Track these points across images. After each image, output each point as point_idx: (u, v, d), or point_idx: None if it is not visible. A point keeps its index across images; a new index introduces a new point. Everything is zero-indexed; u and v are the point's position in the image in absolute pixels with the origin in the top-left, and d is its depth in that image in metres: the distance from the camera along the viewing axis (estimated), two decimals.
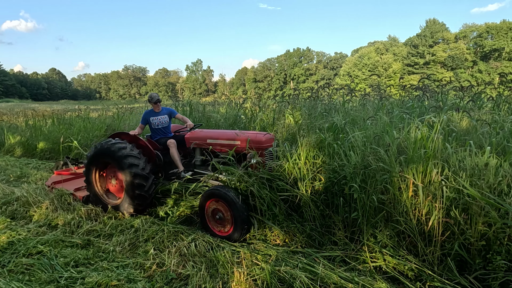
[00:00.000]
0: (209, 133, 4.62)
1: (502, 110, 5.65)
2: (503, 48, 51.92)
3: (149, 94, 5.13)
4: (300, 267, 2.93)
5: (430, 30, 58.97)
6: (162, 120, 5.10)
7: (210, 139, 4.44)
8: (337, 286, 2.66)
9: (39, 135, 10.26)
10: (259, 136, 4.12)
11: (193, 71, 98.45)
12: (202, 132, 4.72)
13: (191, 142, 4.61)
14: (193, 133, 4.73)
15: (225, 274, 2.90)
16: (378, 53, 63.89)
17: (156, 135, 5.10)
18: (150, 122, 5.04)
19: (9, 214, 4.46)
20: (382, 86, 11.54)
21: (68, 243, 3.58)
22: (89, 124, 9.46)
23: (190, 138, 4.65)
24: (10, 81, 74.82)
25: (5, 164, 8.30)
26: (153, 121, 5.04)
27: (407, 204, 2.91)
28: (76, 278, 2.88)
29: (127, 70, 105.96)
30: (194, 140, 4.59)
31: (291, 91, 71.06)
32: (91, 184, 4.59)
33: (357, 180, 3.12)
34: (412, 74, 59.85)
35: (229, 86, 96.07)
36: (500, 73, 14.77)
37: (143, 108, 12.22)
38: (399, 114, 4.54)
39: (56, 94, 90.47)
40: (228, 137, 4.34)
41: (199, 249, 3.33)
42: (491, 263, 2.52)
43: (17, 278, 2.89)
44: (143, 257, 3.26)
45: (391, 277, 2.78)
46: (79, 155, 8.02)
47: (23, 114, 17.73)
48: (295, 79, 78.55)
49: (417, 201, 2.88)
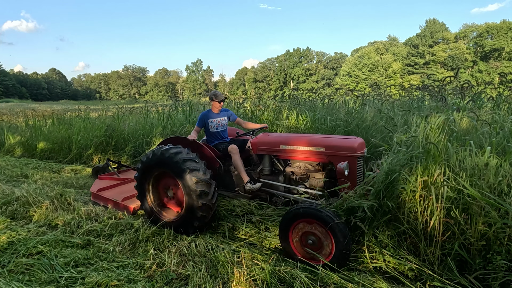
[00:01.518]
0: (284, 138, 3.94)
1: (502, 110, 5.65)
2: (503, 48, 51.95)
3: (212, 92, 4.50)
4: (300, 267, 2.93)
5: (430, 30, 59.00)
6: (221, 123, 4.50)
7: (285, 145, 3.80)
8: (337, 286, 2.65)
9: (39, 135, 10.26)
10: (349, 141, 3.45)
11: (193, 71, 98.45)
12: (274, 137, 4.06)
13: (258, 148, 4.02)
14: (261, 137, 4.11)
15: (225, 274, 2.90)
16: (378, 53, 63.93)
17: (214, 139, 4.50)
18: (208, 125, 4.43)
19: (9, 214, 4.45)
20: (382, 86, 11.52)
21: (68, 243, 3.57)
22: (89, 124, 9.45)
23: (258, 143, 4.03)
24: (10, 81, 74.81)
25: (5, 164, 8.29)
26: (212, 123, 4.43)
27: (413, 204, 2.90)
28: (76, 278, 2.87)
29: (127, 70, 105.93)
30: (263, 146, 3.99)
31: (291, 91, 71.19)
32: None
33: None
34: (412, 74, 59.91)
35: (229, 86, 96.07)
36: (500, 73, 14.77)
37: (143, 108, 12.21)
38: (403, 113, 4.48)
39: (56, 94, 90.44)
40: (309, 142, 3.66)
41: (199, 249, 3.33)
42: (491, 263, 2.52)
43: (17, 278, 2.89)
44: (143, 257, 3.26)
45: (391, 277, 2.78)
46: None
47: (23, 114, 17.74)
48: (295, 79, 78.54)
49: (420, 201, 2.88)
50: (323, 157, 3.53)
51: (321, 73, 75.95)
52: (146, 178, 4.02)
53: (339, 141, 3.50)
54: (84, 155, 8.62)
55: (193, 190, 3.53)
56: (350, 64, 65.10)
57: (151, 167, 3.92)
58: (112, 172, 6.05)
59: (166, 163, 3.72)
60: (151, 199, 4.06)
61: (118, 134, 8.62)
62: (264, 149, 3.99)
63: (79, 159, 8.67)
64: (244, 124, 4.72)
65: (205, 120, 4.43)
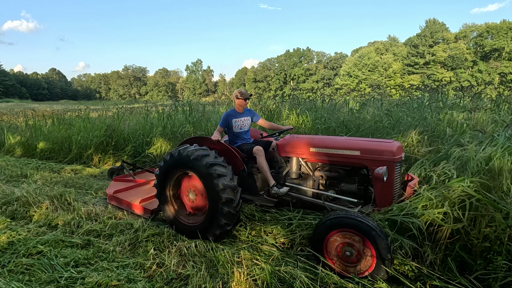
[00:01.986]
0: (314, 140, 3.73)
1: (502, 110, 5.65)
2: (503, 48, 51.92)
3: (238, 90, 4.31)
4: (301, 266, 2.93)
5: (430, 30, 58.97)
6: (245, 123, 4.31)
7: (315, 147, 3.58)
8: (337, 286, 2.65)
9: (39, 135, 10.26)
10: (387, 144, 3.25)
11: (193, 71, 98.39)
12: (304, 139, 3.84)
13: (286, 150, 3.83)
14: (289, 139, 3.88)
15: (225, 274, 2.90)
16: (378, 53, 63.89)
17: (237, 140, 4.29)
18: (231, 125, 4.22)
19: (9, 214, 4.45)
20: (382, 86, 11.52)
21: (68, 243, 3.57)
22: (89, 124, 9.45)
23: (286, 145, 3.82)
24: (10, 81, 74.83)
25: (5, 164, 8.29)
26: (236, 123, 4.23)
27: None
28: (76, 278, 2.87)
29: (127, 70, 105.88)
30: (291, 148, 3.78)
31: (291, 91, 71.12)
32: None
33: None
34: (412, 74, 59.87)
35: (229, 86, 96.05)
36: (500, 73, 14.79)
37: (143, 108, 12.20)
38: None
39: (56, 94, 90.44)
40: (342, 145, 3.43)
41: (199, 249, 3.32)
42: (492, 263, 2.52)
43: (17, 278, 2.89)
44: (143, 257, 3.26)
45: (391, 277, 2.78)
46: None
47: (23, 114, 17.73)
48: (295, 79, 78.51)
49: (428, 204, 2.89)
50: (358, 161, 3.32)
51: (321, 73, 75.91)
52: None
53: (376, 144, 3.30)
54: (84, 155, 8.62)
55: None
56: (350, 64, 65.07)
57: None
58: (127, 174, 5.99)
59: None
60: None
61: (118, 134, 8.62)
62: (292, 152, 3.77)
63: (79, 159, 8.67)
64: (268, 125, 4.52)
65: (229, 120, 4.21)
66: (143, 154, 7.90)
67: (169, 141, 7.77)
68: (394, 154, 3.12)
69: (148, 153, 7.76)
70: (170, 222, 3.86)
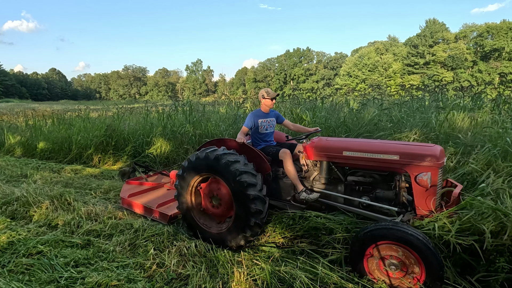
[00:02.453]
0: (348, 143, 3.49)
1: (502, 110, 5.65)
2: (503, 48, 51.92)
3: (264, 89, 4.05)
4: (300, 267, 2.93)
5: (430, 30, 58.97)
6: (271, 123, 4.09)
7: (349, 151, 3.32)
8: (337, 286, 2.65)
9: (39, 135, 10.27)
10: (429, 148, 3.01)
11: (193, 71, 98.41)
12: (336, 141, 3.61)
13: (316, 154, 3.57)
14: (320, 142, 3.62)
15: (225, 274, 2.90)
16: (378, 53, 63.91)
17: (261, 142, 4.05)
18: (257, 125, 3.96)
19: (9, 214, 4.45)
20: (382, 86, 11.53)
21: (68, 243, 3.57)
22: (89, 124, 9.45)
23: (316, 148, 3.56)
24: (10, 81, 74.83)
25: (5, 164, 8.29)
26: (262, 123, 3.98)
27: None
28: (76, 278, 2.87)
29: (127, 70, 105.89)
30: (321, 151, 3.52)
31: (291, 91, 71.11)
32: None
33: None
34: (412, 74, 59.88)
35: (229, 86, 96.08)
36: (500, 73, 14.78)
37: (143, 108, 12.20)
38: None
39: (56, 94, 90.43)
40: (379, 149, 3.18)
41: (199, 249, 3.32)
42: (493, 264, 2.51)
43: (17, 278, 2.89)
44: (143, 257, 3.26)
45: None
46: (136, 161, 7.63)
47: (23, 114, 17.74)
48: (295, 79, 78.51)
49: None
50: (396, 166, 3.08)
51: (321, 73, 75.91)
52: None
53: (417, 148, 3.04)
54: (84, 155, 8.62)
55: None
56: (350, 64, 65.08)
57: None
58: (140, 176, 5.79)
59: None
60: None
61: (118, 134, 8.62)
62: (323, 155, 3.52)
63: (79, 159, 8.67)
64: (293, 126, 4.30)
65: (255, 120, 3.95)
66: (143, 154, 7.90)
67: (169, 141, 7.77)
68: (437, 158, 2.89)
69: (148, 153, 7.76)
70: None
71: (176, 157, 7.44)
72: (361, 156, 3.24)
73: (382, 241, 2.56)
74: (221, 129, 7.55)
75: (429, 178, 2.85)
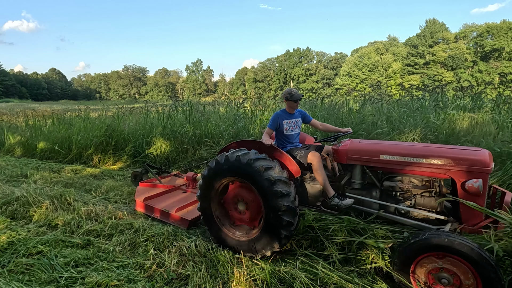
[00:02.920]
0: (386, 146, 3.25)
1: (502, 110, 5.65)
2: (503, 48, 51.93)
3: (287, 90, 3.84)
4: (300, 267, 2.93)
5: (430, 30, 58.97)
6: (297, 124, 3.90)
7: (388, 155, 3.12)
8: (337, 286, 2.65)
9: (39, 135, 10.27)
10: (478, 152, 2.81)
11: (193, 71, 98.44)
12: (372, 144, 3.40)
13: (349, 157, 3.35)
14: (354, 144, 3.41)
15: (225, 274, 2.90)
16: (378, 53, 63.94)
17: (287, 144, 3.86)
18: (282, 127, 3.78)
19: (9, 214, 4.45)
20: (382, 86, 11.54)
21: (68, 243, 3.57)
22: (89, 124, 9.46)
23: (349, 151, 3.34)
24: (10, 81, 74.86)
25: (5, 164, 8.30)
26: (287, 125, 3.79)
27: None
28: (76, 278, 2.87)
29: (127, 70, 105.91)
30: (356, 155, 3.31)
31: None
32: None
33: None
34: (412, 74, 59.89)
35: (229, 86, 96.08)
36: (500, 73, 14.78)
37: (143, 108, 12.21)
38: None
39: (56, 94, 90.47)
40: (423, 153, 2.98)
41: (199, 249, 3.32)
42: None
43: (17, 278, 2.89)
44: (143, 257, 3.26)
45: (391, 277, 2.78)
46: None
47: (23, 114, 17.75)
48: (295, 79, 78.52)
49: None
50: (440, 172, 2.90)
51: (321, 73, 75.94)
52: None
53: (463, 152, 2.86)
54: (84, 155, 8.62)
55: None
56: (350, 64, 65.10)
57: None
58: (153, 178, 5.62)
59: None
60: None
61: (118, 134, 8.63)
62: (357, 158, 3.30)
63: (79, 159, 8.67)
64: (322, 125, 4.07)
65: (280, 121, 3.77)
66: (143, 154, 7.91)
67: (169, 141, 7.78)
68: (487, 164, 2.70)
69: (148, 153, 7.77)
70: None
71: (176, 157, 7.45)
72: (401, 160, 3.06)
73: (433, 251, 2.38)
74: (221, 129, 7.55)
75: (480, 185, 2.67)
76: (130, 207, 4.97)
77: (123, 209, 4.75)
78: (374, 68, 61.58)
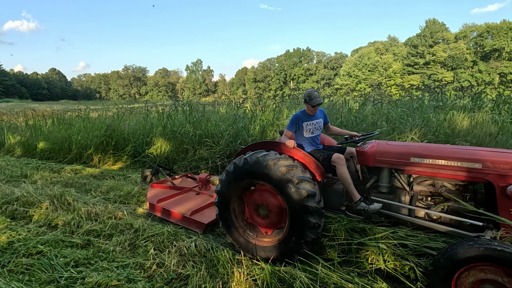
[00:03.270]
0: (416, 148, 3.10)
1: (502, 110, 5.65)
2: (503, 48, 51.93)
3: (307, 92, 3.68)
4: (300, 267, 2.93)
5: (430, 30, 58.98)
6: (317, 126, 3.79)
7: (419, 158, 2.96)
8: (337, 286, 2.65)
9: (39, 135, 10.27)
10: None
11: (193, 71, 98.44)
12: (401, 146, 3.23)
13: (377, 160, 3.18)
14: (382, 146, 3.25)
15: (225, 274, 2.90)
16: (378, 53, 63.96)
17: (308, 145, 3.75)
18: (302, 128, 3.70)
19: (9, 214, 4.46)
20: (382, 86, 11.55)
21: (68, 243, 3.57)
22: (89, 124, 9.45)
23: (377, 154, 3.17)
24: (10, 81, 74.89)
25: (5, 164, 8.30)
26: (307, 126, 3.70)
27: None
28: (76, 278, 2.88)
29: (127, 70, 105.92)
30: (384, 157, 3.14)
31: (291, 91, 71.11)
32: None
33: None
34: (412, 74, 59.89)
35: (229, 86, 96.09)
36: (500, 73, 14.78)
37: (143, 108, 12.20)
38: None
39: (56, 94, 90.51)
40: (457, 156, 2.83)
41: (199, 249, 3.32)
42: None
43: (17, 278, 2.89)
44: (143, 257, 3.26)
45: (392, 277, 2.78)
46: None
47: (23, 114, 17.76)
48: (295, 79, 78.54)
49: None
50: (478, 176, 2.73)
51: (321, 73, 75.94)
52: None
53: (503, 155, 2.70)
54: (84, 155, 8.62)
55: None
56: (350, 64, 65.11)
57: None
58: (165, 180, 5.50)
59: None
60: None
61: (118, 134, 8.62)
62: (385, 161, 3.13)
63: (79, 159, 8.67)
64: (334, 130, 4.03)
65: (300, 123, 3.67)
66: (143, 154, 7.91)
67: (169, 141, 7.78)
68: None
69: (148, 153, 7.77)
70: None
71: (176, 157, 7.45)
72: (435, 163, 2.89)
73: (477, 262, 2.21)
74: (221, 129, 7.55)
75: None
76: (130, 207, 4.97)
77: (123, 209, 4.75)
78: (374, 68, 61.59)
